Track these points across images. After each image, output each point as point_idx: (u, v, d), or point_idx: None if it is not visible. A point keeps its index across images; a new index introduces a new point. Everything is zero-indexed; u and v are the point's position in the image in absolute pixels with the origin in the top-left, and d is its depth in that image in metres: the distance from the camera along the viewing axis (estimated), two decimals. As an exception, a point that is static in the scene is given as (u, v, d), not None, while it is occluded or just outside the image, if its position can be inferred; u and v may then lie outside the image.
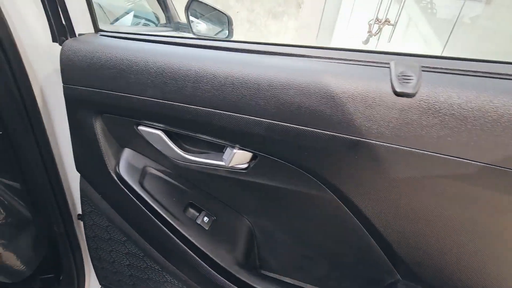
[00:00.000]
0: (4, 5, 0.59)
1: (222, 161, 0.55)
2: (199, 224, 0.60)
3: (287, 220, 0.60)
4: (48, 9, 0.56)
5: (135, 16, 1.55)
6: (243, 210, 0.62)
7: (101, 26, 0.58)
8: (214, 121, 0.49)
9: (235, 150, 0.53)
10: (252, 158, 0.54)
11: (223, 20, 1.70)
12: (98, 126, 0.56)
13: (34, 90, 0.70)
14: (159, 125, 0.54)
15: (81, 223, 0.98)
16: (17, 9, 0.60)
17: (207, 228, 0.60)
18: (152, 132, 0.55)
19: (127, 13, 1.51)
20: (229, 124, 0.49)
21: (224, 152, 0.57)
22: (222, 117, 0.48)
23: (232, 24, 1.66)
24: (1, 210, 0.88)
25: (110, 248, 0.69)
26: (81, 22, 0.59)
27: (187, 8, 1.60)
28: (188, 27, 1.56)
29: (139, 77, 0.49)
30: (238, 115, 0.47)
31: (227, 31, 1.67)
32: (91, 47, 0.52)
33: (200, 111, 0.49)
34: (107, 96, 0.52)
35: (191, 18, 1.61)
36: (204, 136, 0.53)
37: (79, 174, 0.82)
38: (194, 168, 0.58)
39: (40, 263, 1.01)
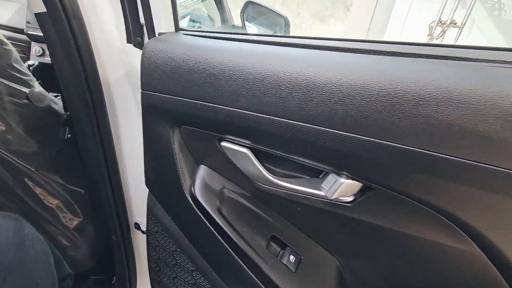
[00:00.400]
0: (83, 4, 0.54)
1: (320, 190, 0.45)
2: (283, 264, 0.49)
3: (396, 269, 0.48)
4: (127, 7, 0.50)
5: (190, 20, 1.52)
6: (335, 250, 0.51)
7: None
8: (322, 142, 0.39)
9: (342, 179, 0.42)
10: (361, 190, 0.43)
11: (279, 21, 1.62)
12: (176, 139, 0.48)
13: (104, 94, 0.66)
14: (245, 141, 0.45)
15: (136, 231, 0.94)
16: (94, 7, 0.55)
17: (294, 270, 0.49)
18: (238, 150, 0.46)
19: (183, 17, 1.47)
20: (341, 147, 0.38)
21: (322, 178, 0.46)
22: (335, 137, 0.37)
23: (289, 26, 1.57)
24: (67, 210, 0.87)
25: (174, 275, 0.61)
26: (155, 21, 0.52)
27: (243, 11, 1.53)
28: (243, 30, 1.50)
29: (231, 85, 0.41)
30: (355, 135, 0.36)
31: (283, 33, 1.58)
32: (175, 48, 0.44)
33: (305, 128, 0.39)
34: (191, 105, 0.44)
35: (246, 22, 1.55)
36: (302, 159, 0.43)
37: (139, 183, 0.76)
38: (281, 195, 0.48)
39: (95, 264, 1.00)
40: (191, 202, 0.50)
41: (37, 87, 0.71)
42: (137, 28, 0.56)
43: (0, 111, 0.64)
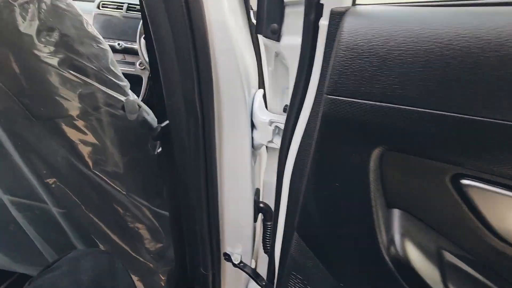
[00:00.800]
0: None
1: None
2: None
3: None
4: None
5: None
6: None
7: None
8: None
9: None
10: None
11: None
12: (373, 171, 0.31)
13: (215, 106, 0.52)
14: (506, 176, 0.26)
15: (225, 262, 0.80)
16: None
17: None
18: (497, 192, 0.27)
19: None
20: None
21: None
22: None
23: None
24: (150, 236, 0.76)
25: None
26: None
27: None
28: None
29: (501, 79, 0.22)
30: None
31: None
32: (388, 27, 0.27)
33: None
34: (421, 117, 0.26)
35: None
36: None
37: (232, 208, 0.62)
38: None
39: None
40: (392, 267, 0.32)
41: (131, 95, 0.59)
42: (275, 9, 0.41)
43: (95, 124, 0.52)
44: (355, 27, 0.28)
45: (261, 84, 0.69)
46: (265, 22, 0.42)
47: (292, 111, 0.45)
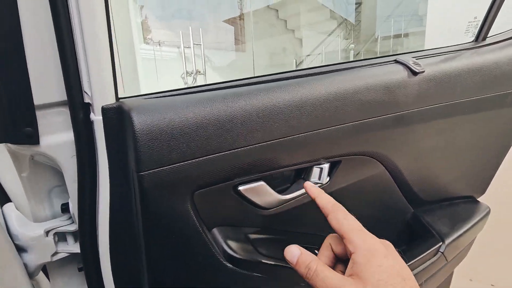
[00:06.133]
0: None
1: (313, 183, 0.56)
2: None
3: (354, 208, 0.68)
4: None
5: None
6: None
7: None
8: (311, 143, 0.51)
9: (325, 164, 0.55)
10: (331, 167, 0.59)
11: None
12: (193, 210, 0.40)
13: None
14: (257, 175, 0.47)
15: None
16: None
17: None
18: (256, 186, 0.46)
19: None
20: (323, 139, 0.52)
21: (305, 177, 0.57)
22: (321, 134, 0.51)
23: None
24: None
25: None
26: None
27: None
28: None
29: (249, 124, 0.42)
30: (333, 127, 0.52)
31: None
32: (165, 113, 0.37)
33: (301, 137, 0.49)
34: (207, 162, 0.39)
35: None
36: (293, 167, 0.52)
37: None
38: (289, 209, 0.54)
39: None
40: (229, 265, 0.43)
41: None
42: (26, 113, 0.39)
43: None
44: (143, 117, 0.36)
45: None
46: (12, 129, 0.38)
47: (84, 202, 0.44)
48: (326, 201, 0.42)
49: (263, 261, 0.47)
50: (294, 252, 0.38)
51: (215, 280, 0.44)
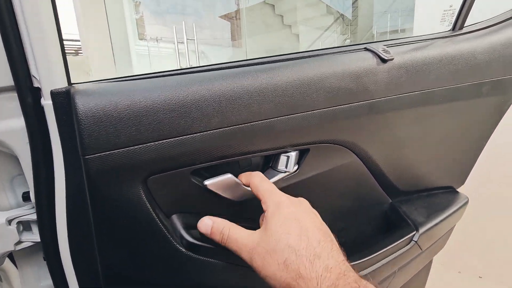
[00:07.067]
0: None
1: (281, 171, 0.55)
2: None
3: (326, 199, 0.67)
4: None
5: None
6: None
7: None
8: (276, 129, 0.50)
9: (292, 153, 0.55)
10: (300, 156, 0.58)
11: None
12: (146, 195, 0.39)
13: None
14: (216, 161, 0.47)
15: None
16: None
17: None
18: (223, 179, 0.46)
19: None
20: (288, 127, 0.51)
21: (273, 165, 0.57)
22: (286, 120, 0.50)
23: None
24: None
25: None
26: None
27: None
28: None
29: (205, 109, 0.42)
30: (298, 114, 0.52)
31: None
32: (115, 94, 0.37)
33: (264, 124, 0.49)
34: (160, 147, 0.39)
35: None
36: (257, 154, 0.52)
37: None
38: (248, 199, 0.53)
39: None
40: (187, 252, 0.43)
41: None
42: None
43: None
44: (86, 99, 0.36)
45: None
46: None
47: (41, 190, 0.44)
48: (246, 173, 0.48)
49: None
50: (207, 223, 0.41)
51: (171, 267, 0.44)
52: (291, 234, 0.36)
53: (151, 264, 0.44)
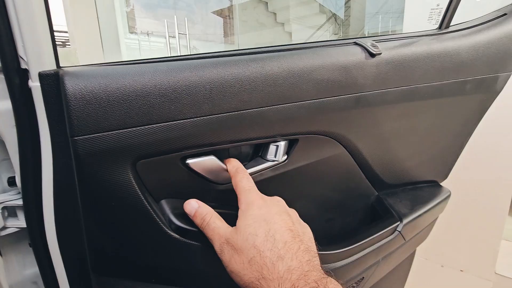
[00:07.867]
0: None
1: (269, 161, 0.56)
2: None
3: (314, 190, 0.69)
4: None
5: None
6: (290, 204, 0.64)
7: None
8: (265, 119, 0.51)
9: (281, 142, 0.56)
10: (289, 146, 0.59)
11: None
12: (136, 179, 0.40)
13: None
14: (206, 148, 0.47)
15: None
16: None
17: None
18: (205, 160, 0.46)
19: None
20: (278, 116, 0.52)
21: (262, 155, 0.58)
22: (276, 110, 0.51)
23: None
24: None
25: None
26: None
27: None
28: None
29: (196, 95, 0.42)
30: (288, 104, 0.53)
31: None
32: (103, 78, 0.37)
33: (254, 113, 0.49)
34: (149, 132, 0.39)
35: None
36: (246, 142, 0.52)
37: None
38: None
39: None
40: (176, 236, 0.43)
41: None
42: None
43: None
44: (76, 81, 0.36)
45: None
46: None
47: (27, 174, 0.43)
48: (231, 166, 0.49)
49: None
50: (193, 205, 0.44)
51: (160, 250, 0.45)
52: (258, 235, 0.37)
53: (139, 247, 0.44)
